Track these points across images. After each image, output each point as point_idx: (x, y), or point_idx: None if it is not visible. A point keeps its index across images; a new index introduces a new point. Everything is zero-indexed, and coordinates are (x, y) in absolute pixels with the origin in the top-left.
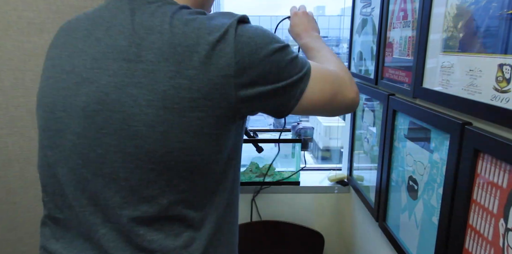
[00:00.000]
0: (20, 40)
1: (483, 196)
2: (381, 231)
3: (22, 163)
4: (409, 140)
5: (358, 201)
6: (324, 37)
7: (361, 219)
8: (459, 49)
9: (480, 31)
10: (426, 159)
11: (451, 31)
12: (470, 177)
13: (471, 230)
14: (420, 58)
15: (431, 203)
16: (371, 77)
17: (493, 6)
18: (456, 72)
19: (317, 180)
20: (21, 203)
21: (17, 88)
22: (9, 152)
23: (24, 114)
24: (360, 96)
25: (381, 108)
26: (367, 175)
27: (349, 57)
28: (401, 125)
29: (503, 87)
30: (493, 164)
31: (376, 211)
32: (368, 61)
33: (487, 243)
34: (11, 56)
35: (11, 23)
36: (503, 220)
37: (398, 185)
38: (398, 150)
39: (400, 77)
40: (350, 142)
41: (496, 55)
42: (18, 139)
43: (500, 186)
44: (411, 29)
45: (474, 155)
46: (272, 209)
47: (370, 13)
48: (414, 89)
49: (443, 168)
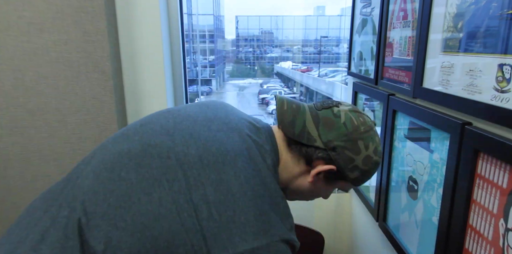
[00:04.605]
0: (20, 40)
1: (483, 196)
2: (381, 231)
3: (22, 163)
4: (409, 139)
5: (358, 201)
6: (324, 37)
7: (361, 219)
8: (459, 49)
9: (480, 31)
10: (426, 159)
11: (451, 31)
12: (470, 177)
13: (471, 230)
14: (420, 58)
15: (431, 203)
16: (371, 77)
17: (493, 6)
18: (456, 72)
19: None
20: (21, 203)
21: (17, 88)
22: (9, 152)
23: (24, 114)
24: (360, 96)
25: (381, 108)
26: None
27: (349, 57)
28: (401, 125)
29: (503, 87)
30: (493, 164)
31: (376, 211)
32: (368, 61)
33: (487, 243)
34: (11, 56)
35: (11, 23)
36: (503, 220)
37: (398, 185)
38: (398, 150)
39: (400, 77)
40: None
41: (496, 55)
42: (18, 139)
43: (500, 186)
44: (411, 29)
45: (474, 155)
46: None
47: (370, 13)
48: (414, 89)
49: (443, 168)
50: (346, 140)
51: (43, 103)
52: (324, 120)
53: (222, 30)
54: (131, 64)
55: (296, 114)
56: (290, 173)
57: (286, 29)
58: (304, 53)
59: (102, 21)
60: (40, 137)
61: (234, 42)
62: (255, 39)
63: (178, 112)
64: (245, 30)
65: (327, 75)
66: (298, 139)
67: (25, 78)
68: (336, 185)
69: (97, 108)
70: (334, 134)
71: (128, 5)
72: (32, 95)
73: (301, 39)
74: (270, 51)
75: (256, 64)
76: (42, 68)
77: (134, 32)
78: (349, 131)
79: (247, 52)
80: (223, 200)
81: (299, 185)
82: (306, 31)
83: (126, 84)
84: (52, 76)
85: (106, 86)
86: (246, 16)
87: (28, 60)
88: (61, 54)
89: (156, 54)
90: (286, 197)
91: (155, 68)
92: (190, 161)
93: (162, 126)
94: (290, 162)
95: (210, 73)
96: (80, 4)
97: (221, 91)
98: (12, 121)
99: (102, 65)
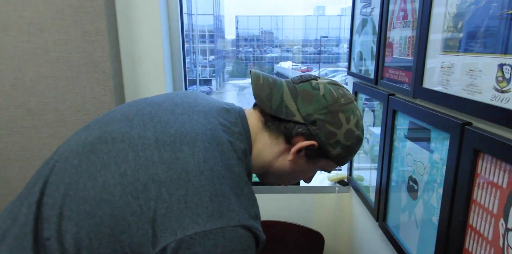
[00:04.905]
0: (20, 40)
1: (483, 196)
2: (381, 231)
3: (22, 163)
4: (409, 140)
5: (358, 201)
6: (324, 37)
7: (361, 219)
8: (459, 49)
9: (480, 31)
10: (426, 159)
11: (451, 31)
12: (470, 177)
13: (471, 230)
14: (420, 58)
15: (431, 203)
16: (371, 77)
17: (493, 6)
18: (456, 72)
19: (317, 180)
20: None
21: (17, 88)
22: (9, 152)
23: (24, 114)
24: (360, 96)
25: (381, 108)
26: (367, 175)
27: (349, 57)
28: (401, 125)
29: (503, 87)
30: (493, 164)
31: (376, 211)
32: (368, 61)
33: (487, 243)
34: (11, 56)
35: (11, 23)
36: (503, 220)
37: (398, 185)
38: (398, 150)
39: (400, 77)
40: None
41: (496, 55)
42: (18, 139)
43: (500, 186)
44: (411, 29)
45: (474, 155)
46: (272, 209)
47: (370, 13)
48: (414, 89)
49: (443, 168)
50: (326, 112)
51: (43, 103)
52: (302, 93)
53: (222, 30)
54: (131, 64)
55: (273, 88)
56: (269, 154)
57: (286, 29)
58: (304, 53)
59: (102, 21)
60: (40, 136)
61: (234, 42)
62: (255, 39)
63: (144, 101)
64: (245, 30)
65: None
66: (275, 113)
67: (25, 78)
68: (318, 163)
69: (97, 108)
70: (314, 107)
71: (128, 5)
72: (32, 95)
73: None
74: (270, 51)
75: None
76: (42, 68)
77: (134, 32)
78: (329, 103)
79: (247, 52)
80: (175, 178)
81: (280, 166)
82: (306, 31)
83: (126, 84)
84: (52, 76)
85: (106, 86)
86: (246, 16)
87: (28, 60)
88: (61, 54)
89: (156, 54)
90: (267, 182)
91: (155, 68)
92: (145, 143)
93: (123, 114)
94: (268, 143)
95: (210, 73)
96: (80, 4)
97: (221, 91)
98: (12, 121)
99: (102, 65)
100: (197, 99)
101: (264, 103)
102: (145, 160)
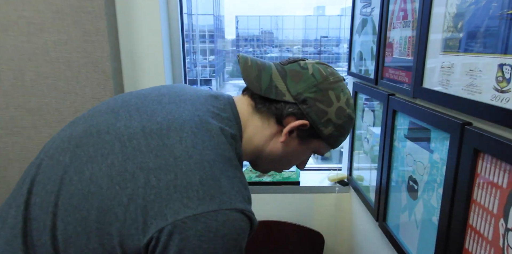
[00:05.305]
0: (20, 40)
1: (483, 196)
2: (381, 231)
3: (22, 163)
4: (409, 140)
5: (358, 201)
6: (324, 37)
7: (361, 219)
8: (459, 49)
9: (480, 31)
10: (426, 159)
11: (451, 31)
12: (470, 177)
13: (471, 230)
14: (420, 58)
15: (431, 203)
16: (371, 77)
17: (493, 6)
18: (456, 72)
19: (317, 180)
20: None
21: (17, 88)
22: (9, 152)
23: (24, 114)
24: (360, 96)
25: (381, 108)
26: (367, 175)
27: (349, 57)
28: (401, 125)
29: (503, 87)
30: (493, 164)
31: (376, 211)
32: (368, 61)
33: (487, 243)
34: (11, 56)
35: (11, 23)
36: (503, 220)
37: (398, 185)
38: (398, 150)
39: (400, 77)
40: (350, 142)
41: (496, 55)
42: (18, 139)
43: (500, 186)
44: (411, 29)
45: (474, 154)
46: (272, 209)
47: (370, 13)
48: (414, 89)
49: (443, 168)
50: (316, 90)
51: (43, 103)
52: (291, 73)
53: (222, 30)
54: (131, 64)
55: (261, 70)
56: (261, 137)
57: (286, 29)
58: (304, 53)
59: (102, 21)
60: (40, 136)
61: (234, 42)
62: (255, 39)
63: (130, 93)
64: (245, 30)
65: None
66: (266, 94)
67: (25, 78)
68: (311, 145)
69: None
70: (303, 86)
71: (128, 5)
72: (32, 95)
73: (301, 39)
74: (270, 51)
75: None
76: (42, 68)
77: (134, 32)
78: (318, 81)
79: (247, 52)
80: (163, 164)
81: (272, 149)
82: (306, 31)
83: (126, 84)
84: (52, 76)
85: (106, 86)
86: (246, 16)
87: (28, 60)
88: (61, 54)
89: (156, 54)
90: (260, 169)
91: (155, 68)
92: (131, 133)
93: (108, 107)
94: (259, 126)
95: (210, 73)
96: (80, 4)
97: (222, 91)
98: (12, 121)
99: (102, 65)
100: (184, 89)
101: (253, 85)
102: (132, 149)
